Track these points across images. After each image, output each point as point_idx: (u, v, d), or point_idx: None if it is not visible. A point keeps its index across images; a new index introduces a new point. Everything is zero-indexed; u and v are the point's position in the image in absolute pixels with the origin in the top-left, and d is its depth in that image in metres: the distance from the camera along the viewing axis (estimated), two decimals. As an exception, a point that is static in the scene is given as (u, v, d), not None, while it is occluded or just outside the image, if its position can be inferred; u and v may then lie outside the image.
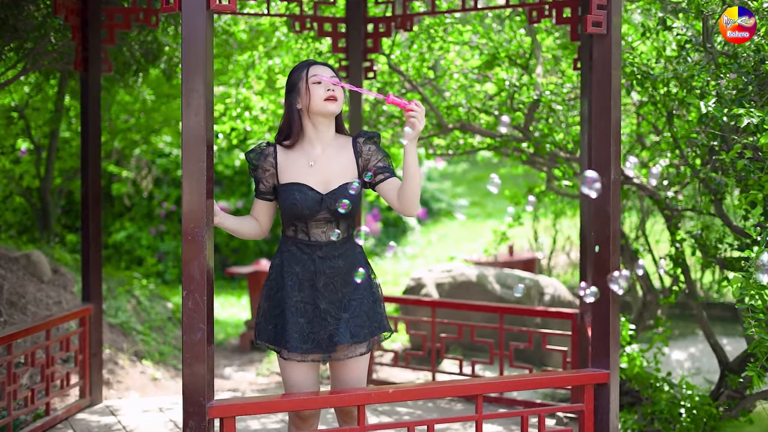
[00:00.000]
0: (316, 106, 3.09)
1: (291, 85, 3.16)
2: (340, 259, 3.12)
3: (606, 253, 3.33)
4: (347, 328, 3.08)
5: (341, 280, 3.12)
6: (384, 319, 3.20)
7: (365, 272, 3.14)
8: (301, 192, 3.08)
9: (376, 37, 5.15)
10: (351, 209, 3.08)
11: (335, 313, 3.10)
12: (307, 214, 3.08)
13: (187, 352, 2.86)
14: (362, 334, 3.10)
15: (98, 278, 4.81)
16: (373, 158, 3.16)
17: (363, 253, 3.22)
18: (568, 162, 5.50)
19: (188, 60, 2.83)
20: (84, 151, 4.79)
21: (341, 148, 3.17)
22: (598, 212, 3.35)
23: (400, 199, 3.07)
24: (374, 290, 3.19)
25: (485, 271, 6.74)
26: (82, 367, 4.77)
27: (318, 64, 3.16)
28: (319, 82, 3.10)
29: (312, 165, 3.13)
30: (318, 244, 3.11)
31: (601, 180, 3.34)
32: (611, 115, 3.32)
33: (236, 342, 7.84)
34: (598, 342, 3.38)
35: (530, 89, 5.20)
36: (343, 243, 3.14)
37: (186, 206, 2.85)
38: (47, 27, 5.06)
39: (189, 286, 2.85)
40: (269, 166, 3.16)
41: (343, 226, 3.14)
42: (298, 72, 3.15)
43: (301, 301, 3.10)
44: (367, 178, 3.15)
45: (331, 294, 3.11)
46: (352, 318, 3.09)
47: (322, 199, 3.08)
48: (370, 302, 3.16)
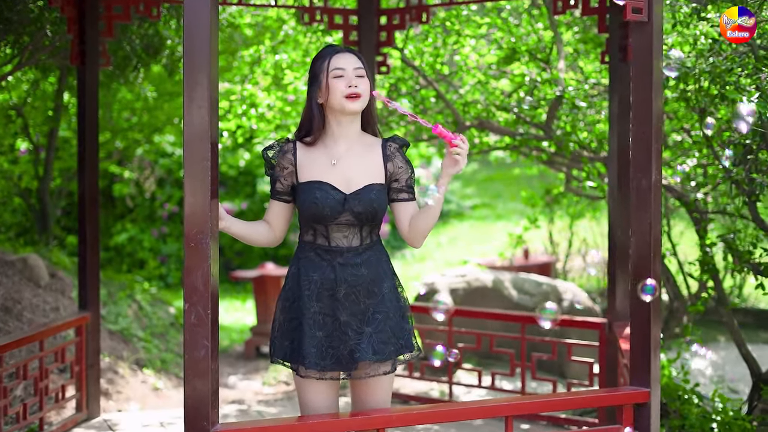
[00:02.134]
0: (336, 104, 2.80)
1: (312, 76, 2.86)
2: (363, 266, 2.83)
3: (646, 261, 3.05)
4: (370, 344, 2.78)
5: (364, 291, 2.82)
6: (411, 337, 2.89)
7: (391, 284, 2.86)
8: (322, 191, 2.80)
9: (389, 29, 4.87)
10: (377, 212, 2.81)
11: (357, 326, 2.80)
12: (328, 216, 2.79)
13: (189, 369, 2.58)
14: (387, 351, 2.80)
15: (96, 284, 4.54)
16: (402, 172, 2.87)
17: (389, 262, 2.93)
18: (592, 162, 5.21)
19: (191, 49, 2.55)
20: (81, 150, 4.52)
21: (369, 147, 2.88)
22: (638, 217, 3.07)
23: (412, 228, 2.85)
24: (401, 303, 2.89)
25: (501, 276, 6.46)
26: (79, 378, 4.50)
27: (343, 51, 2.85)
28: (341, 76, 2.80)
29: (335, 163, 2.84)
30: (339, 249, 2.82)
31: (641, 181, 3.08)
32: (652, 109, 3.04)
33: (241, 349, 7.56)
34: (638, 357, 3.10)
35: (553, 85, 4.92)
36: (367, 249, 2.85)
37: (188, 209, 2.57)
38: (44, 20, 4.80)
39: (191, 298, 2.57)
40: (288, 163, 2.87)
41: (366, 230, 2.85)
42: (320, 62, 2.84)
43: (319, 312, 2.81)
44: (391, 189, 2.88)
45: (352, 305, 2.81)
46: (376, 333, 2.80)
47: (345, 199, 2.80)
48: (397, 317, 2.85)
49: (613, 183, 4.33)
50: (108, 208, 10.72)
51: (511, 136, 5.27)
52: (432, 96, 5.51)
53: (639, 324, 3.08)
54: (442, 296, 3.26)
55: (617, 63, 4.28)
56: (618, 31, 4.25)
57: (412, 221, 2.84)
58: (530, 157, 5.63)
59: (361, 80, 2.82)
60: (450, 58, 5.74)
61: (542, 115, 5.21)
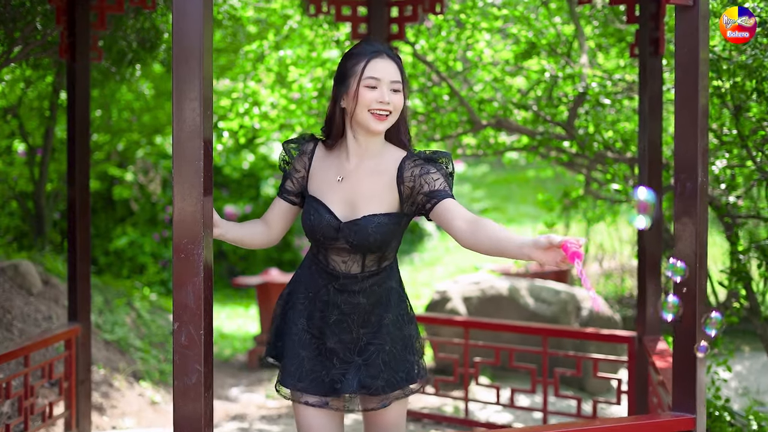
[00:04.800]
0: (360, 117, 2.44)
1: (341, 75, 2.49)
2: (361, 295, 2.50)
3: (691, 272, 2.73)
4: (356, 376, 2.47)
5: (359, 320, 2.51)
6: (413, 368, 2.56)
7: (396, 315, 2.54)
8: (317, 213, 2.48)
9: (401, 21, 4.55)
10: (372, 246, 2.46)
11: (344, 355, 2.50)
12: (321, 239, 2.48)
13: (179, 397, 2.27)
14: (374, 386, 2.47)
15: (87, 294, 4.23)
16: (419, 184, 2.44)
17: (400, 290, 2.59)
18: (617, 163, 4.89)
19: (180, 33, 2.24)
20: (71, 151, 4.21)
21: (384, 166, 2.49)
22: (682, 224, 2.74)
23: (475, 237, 2.30)
24: (405, 332, 2.56)
25: (517, 284, 6.13)
26: (68, 395, 4.19)
27: (382, 55, 2.45)
28: (374, 87, 2.42)
29: (340, 180, 2.50)
30: (335, 273, 2.51)
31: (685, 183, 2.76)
32: (698, 103, 2.73)
33: (243, 358, 7.25)
34: (682, 380, 2.78)
35: (576, 80, 4.60)
36: (370, 277, 2.51)
37: (177, 215, 2.26)
38: (34, 13, 4.50)
39: (182, 316, 2.26)
40: (301, 166, 2.56)
41: (372, 258, 2.50)
42: (354, 62, 2.46)
43: (307, 330, 2.53)
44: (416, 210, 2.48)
45: (342, 333, 2.51)
46: (366, 365, 2.48)
47: (339, 228, 2.46)
48: (398, 348, 2.53)
49: (643, 186, 4.00)
50: (108, 212, 10.42)
51: (530, 135, 4.95)
52: (445, 93, 5.19)
53: (684, 343, 2.76)
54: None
55: (647, 57, 3.96)
56: (649, 22, 3.93)
57: (478, 231, 2.30)
58: (549, 158, 5.30)
59: (396, 95, 2.45)
60: (463, 53, 5.42)
61: (563, 113, 4.89)
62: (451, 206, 2.39)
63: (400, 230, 2.51)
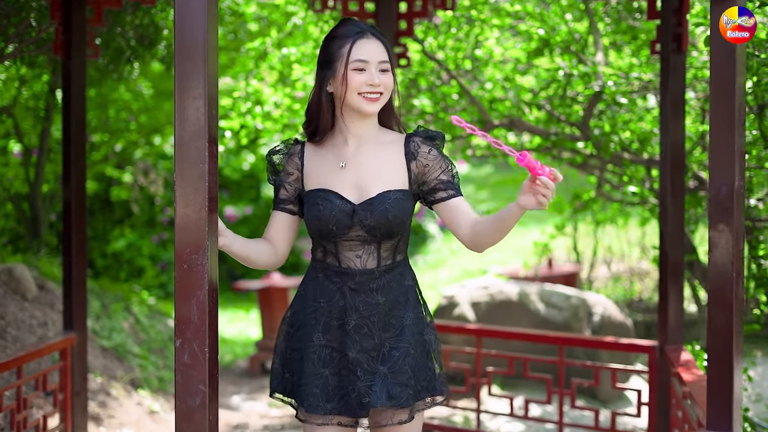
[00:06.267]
0: (351, 101, 2.32)
1: (325, 60, 2.36)
2: (379, 293, 2.34)
3: (728, 282, 2.56)
4: (383, 387, 2.29)
5: (379, 322, 2.33)
6: (436, 379, 2.39)
7: (415, 314, 2.37)
8: (326, 201, 2.31)
9: (410, 17, 4.37)
10: (393, 226, 2.31)
11: (369, 365, 2.32)
12: (334, 231, 2.31)
13: (181, 421, 2.09)
14: (404, 396, 2.30)
15: (83, 302, 4.05)
16: (433, 167, 2.35)
17: (416, 287, 2.43)
18: (634, 165, 4.71)
19: (183, 23, 2.06)
20: (66, 151, 4.02)
21: (386, 145, 2.38)
22: (718, 231, 2.57)
23: (476, 237, 2.30)
24: (426, 337, 2.40)
25: (526, 288, 5.95)
26: (63, 407, 4.00)
27: (367, 35, 2.33)
28: (362, 69, 2.30)
29: (343, 166, 2.35)
30: (350, 271, 2.33)
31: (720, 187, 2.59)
32: (734, 102, 2.55)
33: (245, 364, 7.07)
34: (717, 396, 2.60)
35: (592, 78, 4.42)
36: (387, 272, 2.35)
37: (180, 223, 2.08)
38: (29, 8, 4.32)
39: (184, 332, 2.08)
40: (293, 168, 2.39)
41: (387, 248, 2.35)
42: (338, 45, 2.33)
43: (325, 345, 2.34)
44: (423, 191, 2.37)
45: (364, 339, 2.33)
46: (392, 373, 2.30)
47: (354, 211, 2.30)
48: (420, 354, 2.36)
49: (664, 189, 3.82)
50: (106, 213, 10.24)
51: (543, 135, 4.77)
52: (454, 92, 5.01)
53: (719, 356, 2.59)
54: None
55: (670, 53, 3.78)
56: (672, 17, 3.75)
57: (476, 227, 2.30)
58: (563, 159, 5.12)
59: (385, 75, 2.33)
60: (472, 51, 5.23)
61: (578, 112, 4.71)
62: (463, 207, 2.36)
63: (412, 210, 2.39)
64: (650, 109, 5.17)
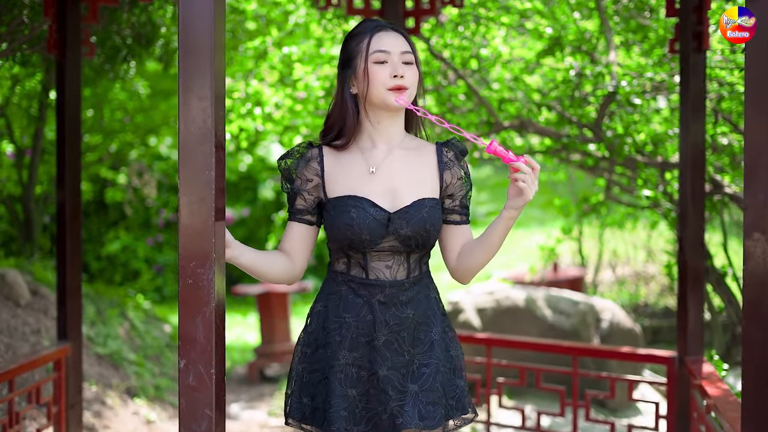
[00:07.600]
0: (376, 97, 2.18)
1: (345, 59, 2.23)
2: (409, 306, 2.20)
3: (763, 295, 2.41)
4: (415, 406, 2.14)
5: (409, 337, 2.19)
6: (465, 396, 2.26)
7: (442, 328, 2.23)
8: (359, 209, 2.15)
9: (417, 15, 4.22)
10: (430, 236, 2.18)
11: (399, 383, 2.17)
12: (367, 240, 2.15)
13: (185, 447, 1.94)
14: (436, 415, 2.16)
15: (78, 310, 3.89)
16: (459, 187, 2.28)
17: (439, 300, 2.31)
18: (647, 167, 4.57)
19: (188, 16, 1.91)
20: (60, 152, 3.86)
21: (415, 151, 2.25)
22: (753, 240, 2.42)
23: (461, 260, 2.25)
24: (452, 353, 2.27)
25: (533, 294, 5.80)
26: (57, 421, 3.84)
27: (385, 28, 2.21)
28: (384, 62, 2.17)
29: (374, 171, 2.20)
30: (380, 283, 2.18)
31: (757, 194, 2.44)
32: (772, 103, 2.40)
33: (243, 371, 6.90)
34: (753, 411, 2.45)
35: (606, 78, 4.27)
36: (415, 284, 2.22)
37: (184, 234, 1.92)
38: (21, 5, 4.16)
39: (189, 353, 1.92)
40: (312, 174, 2.23)
41: (415, 259, 2.22)
42: (357, 41, 2.21)
43: (352, 364, 2.18)
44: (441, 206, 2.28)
45: (394, 356, 2.18)
46: (423, 391, 2.16)
47: (389, 219, 2.16)
48: (448, 370, 2.23)
49: (684, 194, 3.67)
50: (100, 215, 10.06)
51: (554, 137, 4.62)
52: (461, 92, 4.86)
53: (755, 372, 2.44)
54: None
55: (690, 52, 3.63)
56: (691, 14, 3.61)
57: (462, 252, 2.24)
58: (574, 162, 4.97)
59: (409, 68, 2.19)
60: (477, 50, 5.08)
61: (590, 113, 4.56)
62: (467, 236, 2.30)
63: (441, 220, 2.27)
64: (659, 110, 5.03)
